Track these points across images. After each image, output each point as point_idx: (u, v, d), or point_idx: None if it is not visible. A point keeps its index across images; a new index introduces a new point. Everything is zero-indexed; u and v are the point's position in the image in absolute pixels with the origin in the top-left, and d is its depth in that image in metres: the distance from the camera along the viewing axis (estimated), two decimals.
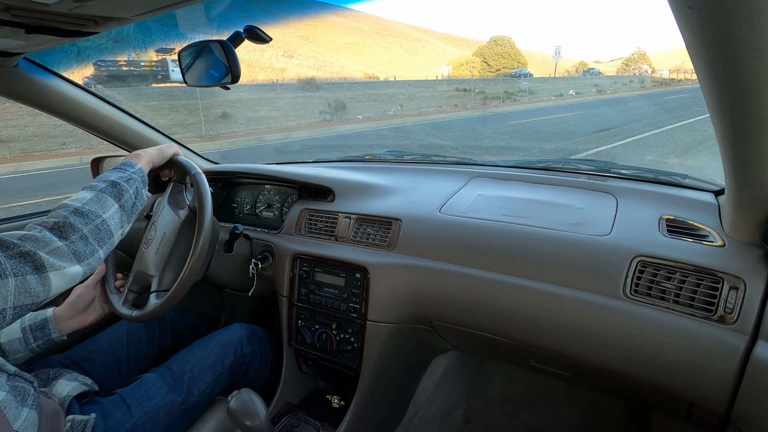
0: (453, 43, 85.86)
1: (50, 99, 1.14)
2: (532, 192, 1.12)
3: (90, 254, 0.72)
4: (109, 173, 0.84)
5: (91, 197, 0.76)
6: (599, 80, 37.52)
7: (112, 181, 0.80)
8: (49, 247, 0.66)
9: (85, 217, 0.73)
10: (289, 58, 36.67)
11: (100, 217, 0.75)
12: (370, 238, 1.09)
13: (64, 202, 0.75)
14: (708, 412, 0.78)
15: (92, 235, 0.72)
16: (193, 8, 0.88)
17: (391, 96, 20.45)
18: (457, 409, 1.45)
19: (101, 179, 0.82)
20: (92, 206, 0.75)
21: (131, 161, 0.89)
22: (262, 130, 13.60)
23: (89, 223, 0.73)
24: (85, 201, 0.75)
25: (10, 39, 0.81)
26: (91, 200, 0.75)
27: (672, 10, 0.44)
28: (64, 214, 0.71)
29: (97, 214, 0.74)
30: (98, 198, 0.76)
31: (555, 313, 0.84)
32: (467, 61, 48.46)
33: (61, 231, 0.69)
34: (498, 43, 51.62)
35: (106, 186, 0.79)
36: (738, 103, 0.51)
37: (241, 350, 1.07)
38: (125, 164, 0.87)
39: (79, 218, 0.72)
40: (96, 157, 1.47)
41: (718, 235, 0.82)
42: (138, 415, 0.85)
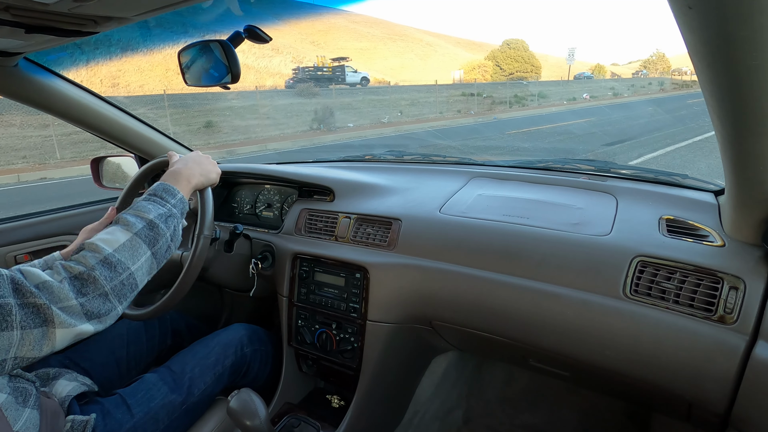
0: (465, 47, 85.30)
1: (50, 99, 1.14)
2: (532, 192, 1.12)
3: (106, 312, 0.65)
4: (148, 204, 0.75)
5: (124, 242, 0.69)
6: (616, 83, 36.15)
7: (150, 222, 0.73)
8: (63, 303, 0.61)
9: (113, 270, 0.66)
10: (298, 64, 36.25)
11: (128, 270, 0.68)
12: (370, 238, 1.09)
13: (95, 241, 0.68)
14: (708, 412, 0.78)
15: (114, 291, 0.66)
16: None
17: (393, 102, 19.66)
18: (457, 409, 1.45)
19: (138, 213, 0.73)
20: (123, 255, 0.68)
21: (172, 187, 0.80)
22: (238, 142, 12.63)
23: (115, 278, 0.66)
24: (116, 246, 0.68)
25: (9, 39, 0.81)
26: (123, 246, 0.68)
27: (672, 10, 0.44)
28: (91, 263, 0.65)
29: (125, 266, 0.67)
30: (131, 244, 0.69)
31: (555, 313, 0.84)
32: (479, 65, 47.79)
33: (82, 285, 0.63)
34: (511, 46, 51.08)
35: (142, 228, 0.71)
36: (738, 103, 0.51)
37: (241, 350, 1.07)
38: (166, 191, 0.79)
39: (106, 270, 0.65)
40: (96, 157, 1.48)
41: (718, 235, 0.82)
42: (138, 415, 0.85)
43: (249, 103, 16.20)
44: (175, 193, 0.80)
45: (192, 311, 1.47)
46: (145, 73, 25.95)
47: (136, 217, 0.73)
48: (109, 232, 0.70)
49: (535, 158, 1.42)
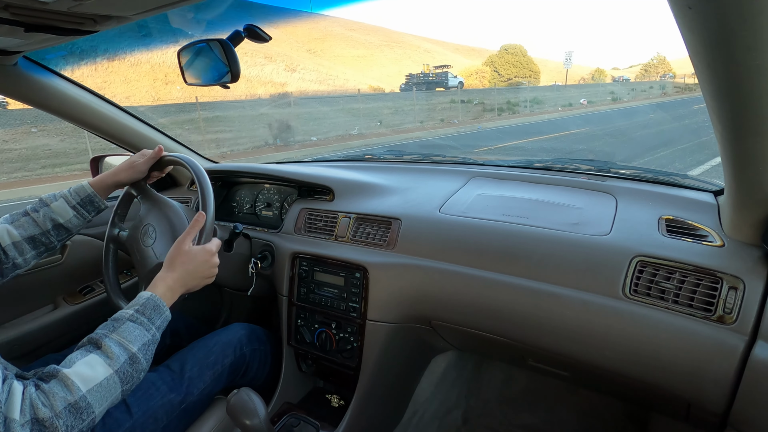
0: (464, 53, 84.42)
1: (49, 98, 1.14)
2: (531, 192, 1.12)
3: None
4: (135, 330, 0.70)
5: (102, 381, 0.64)
6: (615, 87, 34.17)
7: (133, 356, 0.68)
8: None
9: (78, 416, 0.61)
10: (291, 72, 34.66)
11: (92, 415, 0.63)
12: (370, 237, 1.09)
13: (71, 376, 0.62)
14: (707, 412, 0.78)
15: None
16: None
17: (375, 110, 17.75)
18: (456, 408, 1.45)
19: (123, 341, 0.68)
20: (95, 397, 0.63)
21: (161, 305, 0.76)
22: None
23: (76, 426, 0.61)
24: (92, 386, 0.63)
25: (9, 37, 0.81)
26: (99, 386, 0.63)
27: (672, 11, 0.44)
28: (58, 408, 0.59)
29: (91, 411, 0.62)
30: (107, 384, 0.64)
31: (554, 313, 0.84)
32: (477, 71, 47.25)
33: (40, 431, 0.58)
34: (509, 51, 50.59)
35: (124, 363, 0.67)
36: (738, 103, 0.51)
37: (240, 350, 1.07)
38: (155, 309, 0.75)
39: (71, 418, 0.60)
40: (95, 156, 1.48)
41: (718, 235, 0.82)
42: (137, 414, 0.85)
43: (215, 114, 13.99)
44: (162, 312, 0.76)
45: (191, 311, 1.47)
46: (131, 84, 24.87)
47: (119, 346, 0.68)
48: (88, 363, 0.64)
49: (535, 158, 1.42)
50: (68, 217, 0.95)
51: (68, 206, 0.95)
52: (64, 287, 1.34)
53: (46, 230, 0.93)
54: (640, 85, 40.93)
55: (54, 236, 0.94)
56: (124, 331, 0.69)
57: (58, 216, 0.94)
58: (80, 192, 0.97)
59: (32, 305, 1.27)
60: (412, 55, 67.53)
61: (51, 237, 0.94)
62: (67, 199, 0.95)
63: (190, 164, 0.99)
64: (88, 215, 0.98)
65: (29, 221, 0.92)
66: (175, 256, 0.83)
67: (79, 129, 2.16)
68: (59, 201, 0.95)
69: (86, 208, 0.97)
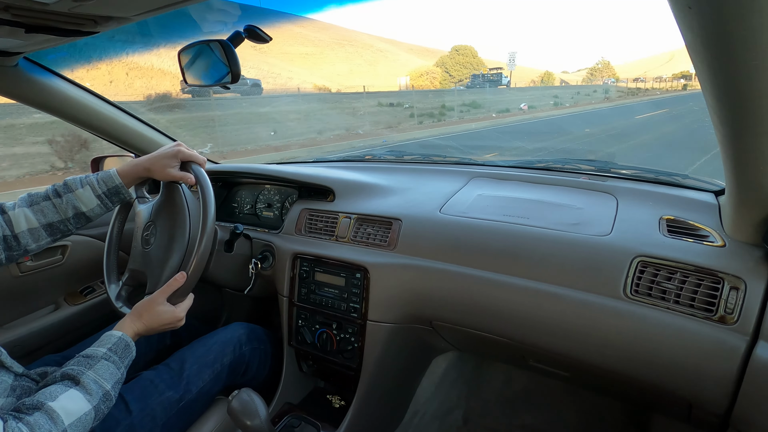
0: (418, 54, 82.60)
1: (50, 99, 1.14)
2: (532, 192, 1.12)
3: None
4: (110, 367, 0.73)
5: (81, 415, 0.66)
6: (559, 91, 32.42)
7: (107, 393, 0.71)
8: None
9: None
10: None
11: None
12: (370, 238, 1.09)
13: (56, 408, 0.63)
14: (708, 413, 0.78)
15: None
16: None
17: (282, 115, 15.40)
18: (457, 409, 1.45)
19: (98, 378, 0.71)
20: (74, 431, 0.64)
21: (131, 346, 0.79)
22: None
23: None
24: (73, 419, 0.64)
25: (9, 38, 0.81)
26: (79, 420, 0.65)
27: (672, 10, 0.44)
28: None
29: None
30: (86, 419, 0.67)
31: (555, 313, 0.84)
32: (427, 72, 46.29)
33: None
34: (460, 52, 49.95)
35: (100, 400, 0.69)
36: (738, 103, 0.51)
37: (240, 349, 1.07)
38: (126, 348, 0.78)
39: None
40: (96, 156, 1.48)
41: (719, 235, 0.82)
42: (135, 411, 0.85)
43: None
44: (130, 352, 0.79)
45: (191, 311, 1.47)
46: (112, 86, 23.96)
47: (96, 383, 0.70)
48: (71, 398, 0.66)
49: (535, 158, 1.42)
50: (92, 206, 0.91)
51: (93, 195, 0.91)
52: (66, 288, 1.34)
53: (67, 218, 0.90)
54: (584, 88, 39.48)
55: (73, 224, 0.91)
56: (99, 369, 0.72)
57: (82, 204, 0.90)
58: (108, 181, 0.93)
59: (33, 305, 1.27)
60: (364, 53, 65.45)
61: (70, 225, 0.91)
62: (93, 187, 0.91)
63: (192, 167, 0.98)
64: (111, 206, 0.95)
65: (50, 206, 0.88)
66: (143, 309, 0.85)
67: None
68: (85, 188, 0.91)
69: (111, 199, 0.94)
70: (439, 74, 47.11)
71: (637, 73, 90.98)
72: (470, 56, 50.14)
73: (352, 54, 63.69)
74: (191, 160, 0.98)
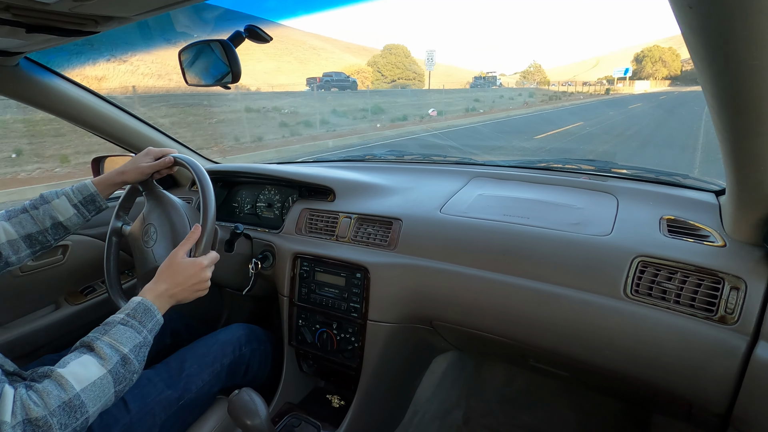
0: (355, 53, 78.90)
1: (51, 98, 1.14)
2: (532, 192, 1.12)
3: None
4: (126, 332, 0.71)
5: (95, 380, 0.65)
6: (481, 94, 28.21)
7: (125, 357, 0.69)
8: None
9: (71, 415, 0.61)
10: (120, 63, 26.09)
11: (86, 415, 0.63)
12: (371, 237, 1.09)
13: (65, 375, 0.63)
14: (708, 413, 0.78)
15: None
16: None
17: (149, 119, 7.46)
18: (457, 409, 1.45)
19: (114, 343, 0.69)
20: (88, 396, 0.63)
21: (152, 308, 0.76)
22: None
23: (70, 424, 0.61)
24: (86, 384, 0.63)
25: (10, 38, 0.81)
26: (92, 385, 0.64)
27: (672, 10, 0.44)
28: (52, 406, 0.59)
29: (85, 410, 0.63)
30: (101, 383, 0.65)
31: (555, 313, 0.84)
32: (358, 71, 44.22)
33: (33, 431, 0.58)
34: (392, 52, 48.27)
35: (116, 364, 0.68)
36: (738, 103, 0.51)
37: (239, 350, 1.07)
38: (146, 312, 0.75)
39: (64, 416, 0.60)
40: (97, 156, 1.48)
41: (719, 235, 0.82)
42: (134, 410, 0.85)
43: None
44: (153, 315, 0.76)
45: (192, 311, 1.47)
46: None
47: (111, 347, 0.69)
48: (82, 363, 0.65)
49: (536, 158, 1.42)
50: (69, 215, 0.94)
51: (69, 204, 0.94)
52: (66, 287, 1.34)
53: (45, 228, 0.92)
54: (509, 91, 36.10)
55: (51, 235, 0.93)
56: (115, 334, 0.70)
57: (59, 214, 0.93)
58: (83, 190, 0.96)
59: (34, 305, 1.27)
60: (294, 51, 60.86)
61: (48, 236, 0.93)
62: (69, 197, 0.94)
63: (191, 165, 0.99)
64: (88, 214, 0.97)
65: (27, 218, 0.90)
66: (165, 267, 0.84)
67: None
68: (61, 198, 0.94)
69: (87, 207, 0.97)
70: (371, 74, 45.47)
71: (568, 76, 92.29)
72: (402, 56, 48.80)
73: (282, 51, 60.61)
74: (162, 154, 1.02)
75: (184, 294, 0.84)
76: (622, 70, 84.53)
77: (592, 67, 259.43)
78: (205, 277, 0.87)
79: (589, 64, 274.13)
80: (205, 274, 0.87)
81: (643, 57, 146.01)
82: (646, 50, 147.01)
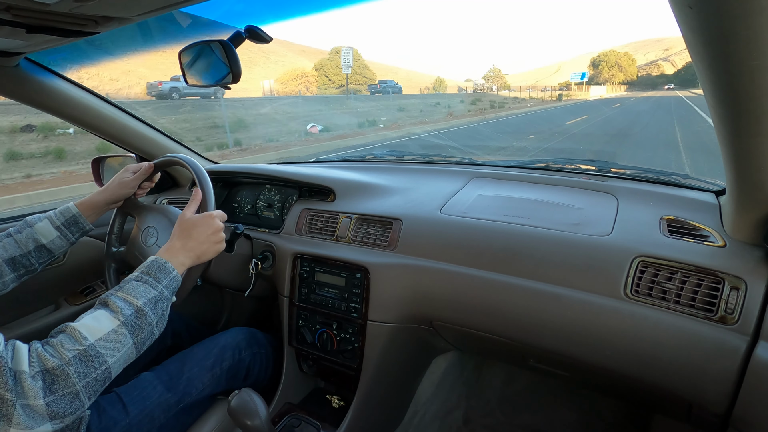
0: (311, 56, 75.43)
1: (51, 99, 1.14)
2: (532, 192, 1.12)
3: (72, 412, 0.60)
4: (139, 287, 0.72)
5: (109, 331, 0.65)
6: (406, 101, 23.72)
7: (139, 309, 0.69)
8: (29, 401, 0.56)
9: (89, 365, 0.62)
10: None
11: (105, 364, 0.64)
12: (371, 238, 1.09)
13: (78, 327, 0.64)
14: (708, 413, 0.78)
15: (86, 389, 0.61)
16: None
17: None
18: (457, 409, 1.45)
19: (127, 297, 0.70)
20: (104, 346, 0.64)
21: (166, 265, 0.76)
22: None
23: (89, 374, 0.62)
24: (99, 336, 0.64)
25: (10, 39, 0.81)
26: (107, 336, 0.65)
27: (672, 10, 0.44)
28: (67, 356, 0.60)
29: (103, 360, 0.63)
30: (116, 334, 0.66)
31: (555, 313, 0.84)
32: (301, 75, 40.86)
33: (53, 381, 0.59)
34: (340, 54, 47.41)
35: (130, 316, 0.68)
36: (738, 103, 0.51)
37: (239, 354, 1.07)
38: (160, 269, 0.75)
39: (81, 365, 0.61)
40: (97, 157, 1.48)
41: (719, 235, 0.82)
42: (134, 413, 0.85)
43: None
44: (168, 272, 0.76)
45: (192, 312, 1.47)
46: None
47: (125, 301, 0.70)
48: (95, 318, 0.66)
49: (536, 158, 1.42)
50: (51, 237, 0.94)
51: (52, 227, 0.94)
52: (66, 288, 1.34)
53: (28, 251, 0.91)
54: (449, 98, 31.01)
55: (35, 258, 0.93)
56: (129, 289, 0.72)
57: (41, 236, 0.93)
58: (65, 213, 0.97)
59: (34, 306, 1.27)
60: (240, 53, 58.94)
61: (32, 259, 0.92)
62: (51, 220, 0.95)
63: (190, 164, 0.99)
64: (71, 236, 0.98)
65: (11, 242, 0.90)
66: (176, 227, 0.85)
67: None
68: (43, 222, 0.95)
69: (70, 229, 0.97)
70: (316, 78, 42.35)
71: (531, 82, 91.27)
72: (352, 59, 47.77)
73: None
74: (140, 167, 1.06)
75: (202, 248, 0.84)
76: (579, 74, 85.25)
77: (554, 72, 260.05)
78: (219, 227, 0.87)
79: (552, 70, 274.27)
80: (217, 223, 0.87)
81: (600, 61, 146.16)
82: (602, 55, 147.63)
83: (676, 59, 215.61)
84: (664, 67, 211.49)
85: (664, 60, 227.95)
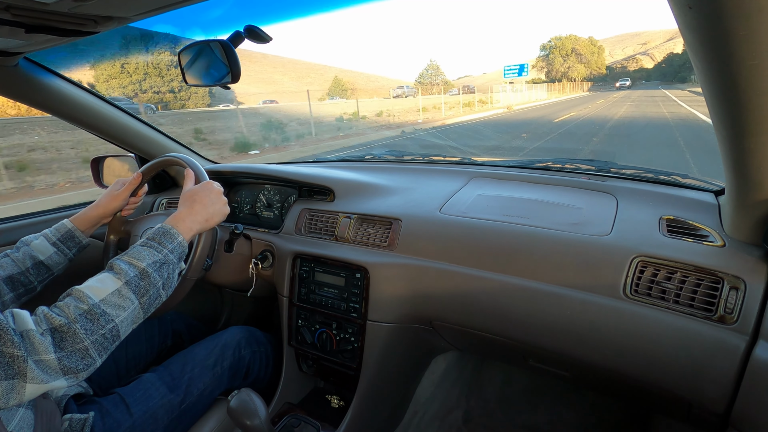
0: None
1: (50, 99, 1.14)
2: (532, 192, 1.12)
3: (84, 368, 0.62)
4: (143, 251, 0.74)
5: (113, 291, 0.67)
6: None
7: (143, 270, 0.71)
8: (41, 356, 0.58)
9: (95, 323, 0.64)
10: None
11: (112, 322, 0.66)
12: (371, 238, 1.09)
13: (83, 289, 0.67)
14: (707, 412, 0.78)
15: (94, 346, 0.63)
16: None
17: None
18: (457, 409, 1.45)
19: (131, 260, 0.72)
20: (109, 305, 0.66)
21: (172, 231, 0.78)
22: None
23: (96, 330, 0.64)
24: (103, 296, 0.66)
25: (10, 38, 0.81)
26: (111, 296, 0.67)
27: (672, 10, 0.44)
28: (73, 315, 0.63)
29: (109, 318, 0.65)
30: (119, 294, 0.68)
31: (554, 313, 0.84)
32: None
33: (61, 338, 0.61)
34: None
35: (133, 277, 0.70)
36: (738, 102, 0.51)
37: (239, 352, 1.07)
38: (165, 235, 0.78)
39: (88, 323, 0.63)
40: (96, 157, 1.48)
41: (719, 235, 0.82)
42: (137, 414, 0.85)
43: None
44: (174, 237, 0.78)
45: (192, 311, 1.47)
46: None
47: (128, 264, 0.71)
48: (99, 280, 0.69)
49: (535, 158, 1.42)
50: (48, 253, 0.95)
51: (48, 243, 0.95)
52: (66, 288, 1.34)
53: (26, 269, 0.92)
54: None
55: (34, 275, 0.93)
56: (134, 253, 0.74)
57: (38, 253, 0.94)
58: (60, 228, 0.98)
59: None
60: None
61: (30, 276, 0.93)
62: (47, 237, 0.96)
63: (190, 164, 0.99)
64: (69, 252, 0.98)
65: (8, 261, 0.91)
66: (179, 203, 0.88)
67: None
68: (39, 239, 0.96)
69: (67, 244, 0.98)
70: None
71: (497, 82, 57.26)
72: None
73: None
74: (134, 184, 1.07)
75: (208, 210, 0.87)
76: (516, 68, 44.66)
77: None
78: (220, 190, 0.91)
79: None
80: (217, 186, 0.91)
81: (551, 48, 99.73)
82: (555, 40, 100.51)
83: (655, 53, 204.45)
84: (643, 61, 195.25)
85: (642, 54, 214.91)
